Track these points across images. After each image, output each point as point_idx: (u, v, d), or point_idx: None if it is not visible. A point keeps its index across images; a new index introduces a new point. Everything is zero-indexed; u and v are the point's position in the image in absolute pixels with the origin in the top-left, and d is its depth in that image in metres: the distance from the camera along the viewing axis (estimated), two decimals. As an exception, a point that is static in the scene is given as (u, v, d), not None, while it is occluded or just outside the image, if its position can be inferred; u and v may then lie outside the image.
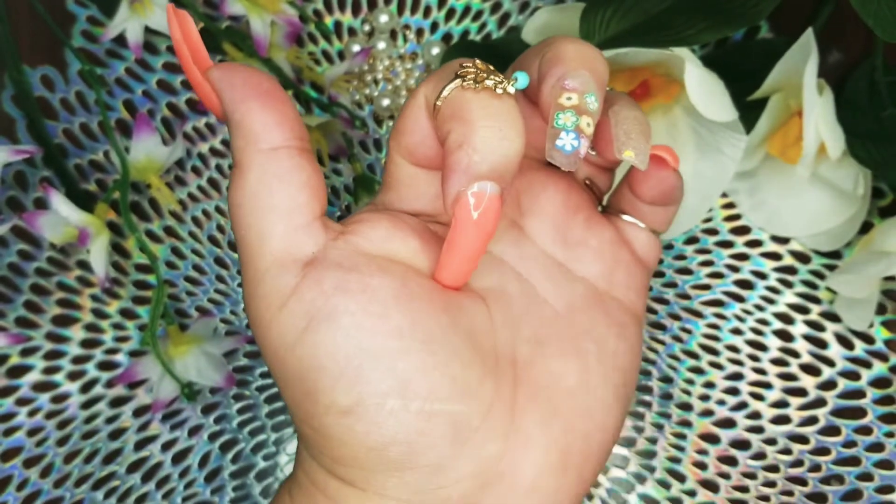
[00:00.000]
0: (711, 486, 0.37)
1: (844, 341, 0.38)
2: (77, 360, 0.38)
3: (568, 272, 0.26)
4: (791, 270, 0.39)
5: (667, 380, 0.38)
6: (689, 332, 0.38)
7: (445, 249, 0.23)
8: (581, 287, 0.26)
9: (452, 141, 0.22)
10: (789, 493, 0.37)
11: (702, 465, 0.37)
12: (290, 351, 0.22)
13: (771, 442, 0.37)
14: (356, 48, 0.40)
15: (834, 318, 0.38)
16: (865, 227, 0.37)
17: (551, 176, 0.27)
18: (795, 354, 0.38)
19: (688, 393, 0.38)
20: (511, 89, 0.22)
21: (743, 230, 0.39)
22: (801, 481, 0.37)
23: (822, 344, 0.38)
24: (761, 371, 0.38)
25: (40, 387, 0.37)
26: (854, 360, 0.38)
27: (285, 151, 0.23)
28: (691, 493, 0.37)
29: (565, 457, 0.24)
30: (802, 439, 0.37)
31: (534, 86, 0.24)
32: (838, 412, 0.37)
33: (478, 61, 0.23)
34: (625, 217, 0.28)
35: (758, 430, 0.37)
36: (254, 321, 0.23)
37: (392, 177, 0.25)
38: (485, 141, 0.21)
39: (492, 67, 0.23)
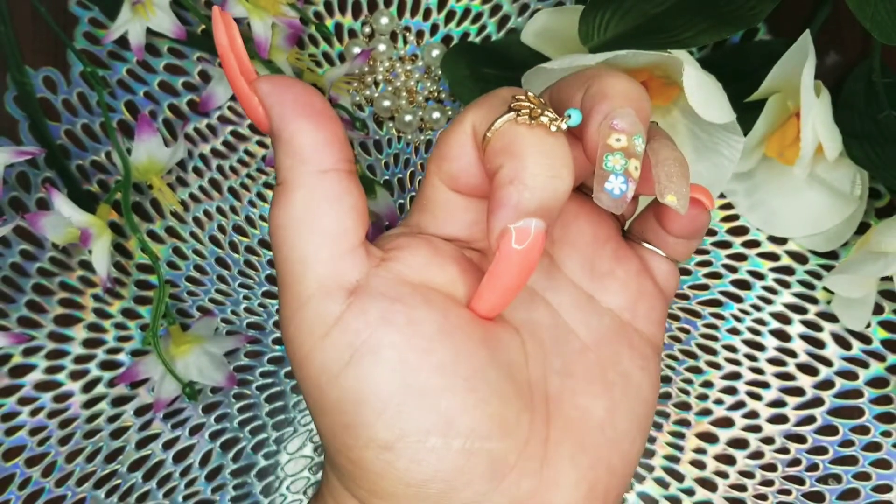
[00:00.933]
0: (709, 485, 0.37)
1: (842, 341, 0.38)
2: (79, 359, 0.38)
3: (595, 303, 0.26)
4: (788, 271, 0.39)
5: (665, 379, 0.38)
6: (686, 332, 0.39)
7: (486, 281, 0.23)
8: (607, 319, 0.26)
9: (503, 175, 0.21)
10: (787, 493, 0.37)
11: (700, 464, 0.38)
12: (331, 382, 0.22)
13: (769, 441, 0.37)
14: (356, 50, 0.40)
15: (831, 318, 0.38)
16: (862, 228, 0.38)
17: (582, 205, 0.27)
18: (793, 354, 0.38)
19: (686, 392, 0.38)
20: (564, 126, 0.22)
21: (741, 230, 0.39)
22: (799, 480, 0.37)
23: (820, 344, 0.38)
24: (759, 371, 0.38)
25: (42, 386, 0.37)
26: (851, 360, 0.38)
27: (335, 175, 0.22)
28: (689, 492, 0.37)
29: (592, 491, 0.24)
30: (800, 438, 0.37)
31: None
32: (835, 412, 0.38)
33: (530, 94, 0.22)
34: (647, 245, 0.28)
35: (755, 429, 0.38)
36: (292, 348, 0.23)
37: (428, 199, 0.25)
38: (536, 178, 0.21)
39: (544, 101, 0.22)
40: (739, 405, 0.38)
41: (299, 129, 0.22)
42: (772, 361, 0.38)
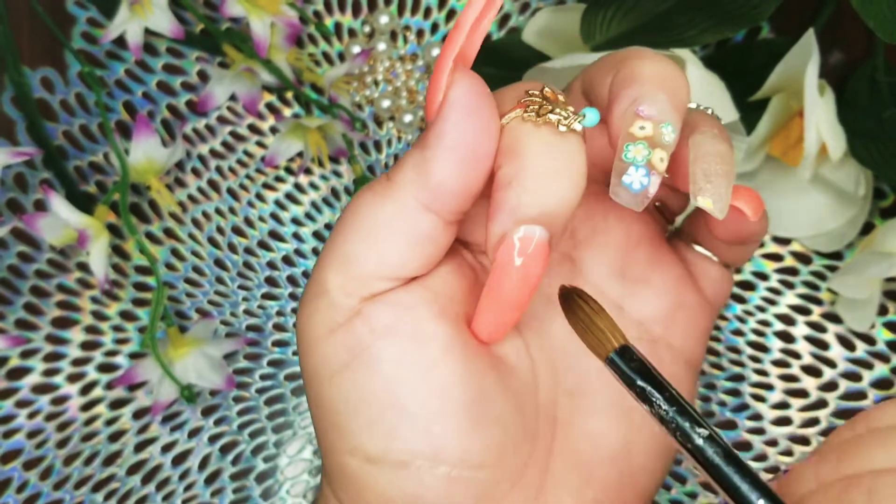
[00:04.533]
0: (713, 488, 0.37)
1: (846, 342, 0.38)
2: (77, 362, 0.37)
3: (622, 313, 0.24)
4: (792, 271, 0.39)
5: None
6: (690, 333, 0.38)
7: (483, 299, 0.21)
8: (633, 332, 0.24)
9: (502, 176, 0.20)
10: (791, 495, 0.37)
11: (703, 467, 0.37)
12: (328, 379, 0.21)
13: (772, 443, 0.37)
14: (356, 49, 0.40)
15: (835, 319, 0.38)
16: (867, 228, 0.37)
17: (614, 202, 0.25)
18: (797, 356, 0.38)
19: (689, 394, 0.38)
20: (578, 126, 0.20)
21: (744, 231, 0.39)
22: (803, 483, 0.37)
23: (824, 345, 0.38)
24: (763, 372, 0.38)
25: (40, 389, 0.37)
26: (855, 362, 0.38)
27: (434, 219, 0.20)
28: (692, 496, 0.37)
29: None
30: (804, 441, 0.37)
31: (604, 105, 0.21)
32: (840, 413, 0.37)
33: (546, 89, 0.20)
34: (697, 248, 0.25)
35: (759, 431, 0.37)
36: (300, 333, 0.22)
37: None
38: (537, 181, 0.19)
39: (561, 97, 0.20)
40: (743, 407, 0.38)
41: (446, 165, 0.20)
42: (776, 363, 0.38)
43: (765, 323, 0.38)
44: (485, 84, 0.20)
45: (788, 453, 0.37)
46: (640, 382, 0.18)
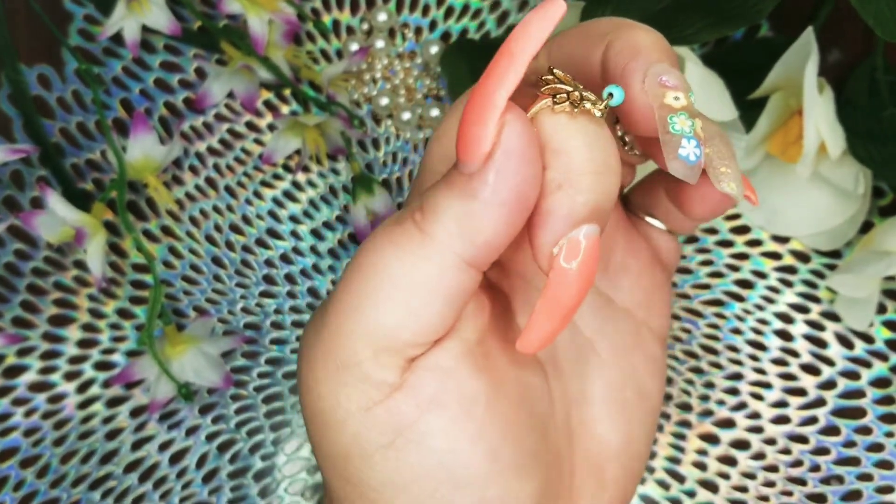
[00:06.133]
0: (711, 487, 0.37)
1: (844, 341, 0.38)
2: (74, 360, 0.37)
3: (611, 304, 0.24)
4: (791, 270, 0.39)
5: (666, 380, 0.38)
6: (688, 331, 0.38)
7: (541, 309, 0.19)
8: (623, 323, 0.24)
9: (549, 180, 0.18)
10: (789, 494, 0.37)
11: (701, 466, 0.37)
12: (363, 458, 0.19)
13: (771, 442, 0.37)
14: (354, 47, 0.40)
15: (834, 317, 0.38)
16: (866, 227, 0.37)
17: None
18: (795, 354, 0.38)
19: (687, 393, 0.38)
20: (605, 108, 0.19)
21: (743, 229, 0.39)
22: (801, 481, 0.37)
23: (823, 343, 0.38)
24: (761, 371, 0.38)
25: (37, 387, 0.37)
26: (854, 360, 0.38)
27: (475, 274, 0.19)
28: (691, 494, 0.37)
29: None
30: (802, 439, 0.37)
31: (594, 80, 0.20)
32: (838, 412, 0.37)
33: (558, 71, 0.19)
34: (648, 220, 0.25)
35: (757, 430, 0.37)
36: (320, 409, 0.20)
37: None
38: (589, 179, 0.18)
39: (573, 78, 0.19)
40: (741, 406, 0.38)
41: (498, 221, 0.18)
42: (774, 361, 0.38)
43: (763, 321, 0.38)
44: (531, 124, 0.18)
45: (787, 452, 0.37)
46: None
